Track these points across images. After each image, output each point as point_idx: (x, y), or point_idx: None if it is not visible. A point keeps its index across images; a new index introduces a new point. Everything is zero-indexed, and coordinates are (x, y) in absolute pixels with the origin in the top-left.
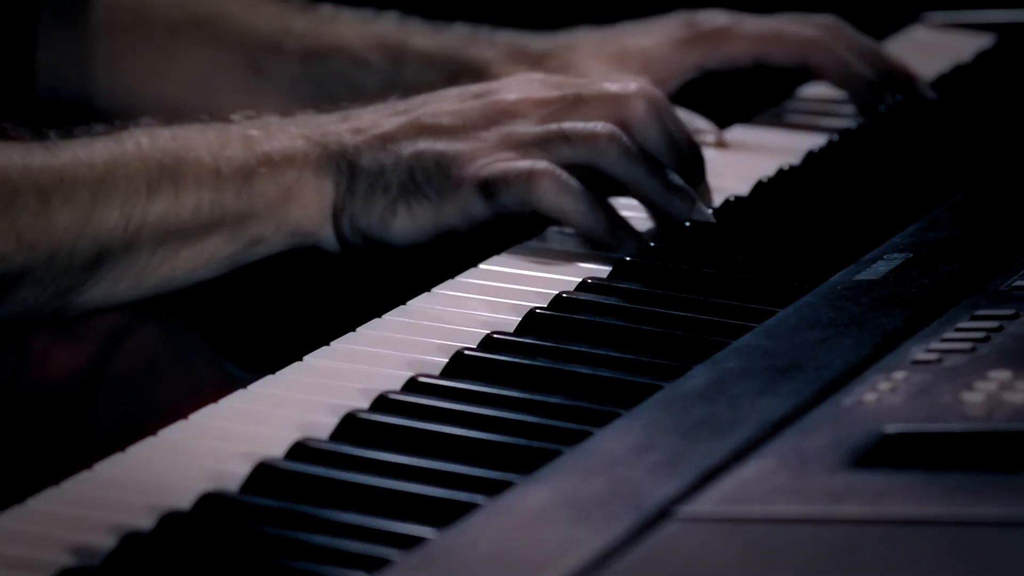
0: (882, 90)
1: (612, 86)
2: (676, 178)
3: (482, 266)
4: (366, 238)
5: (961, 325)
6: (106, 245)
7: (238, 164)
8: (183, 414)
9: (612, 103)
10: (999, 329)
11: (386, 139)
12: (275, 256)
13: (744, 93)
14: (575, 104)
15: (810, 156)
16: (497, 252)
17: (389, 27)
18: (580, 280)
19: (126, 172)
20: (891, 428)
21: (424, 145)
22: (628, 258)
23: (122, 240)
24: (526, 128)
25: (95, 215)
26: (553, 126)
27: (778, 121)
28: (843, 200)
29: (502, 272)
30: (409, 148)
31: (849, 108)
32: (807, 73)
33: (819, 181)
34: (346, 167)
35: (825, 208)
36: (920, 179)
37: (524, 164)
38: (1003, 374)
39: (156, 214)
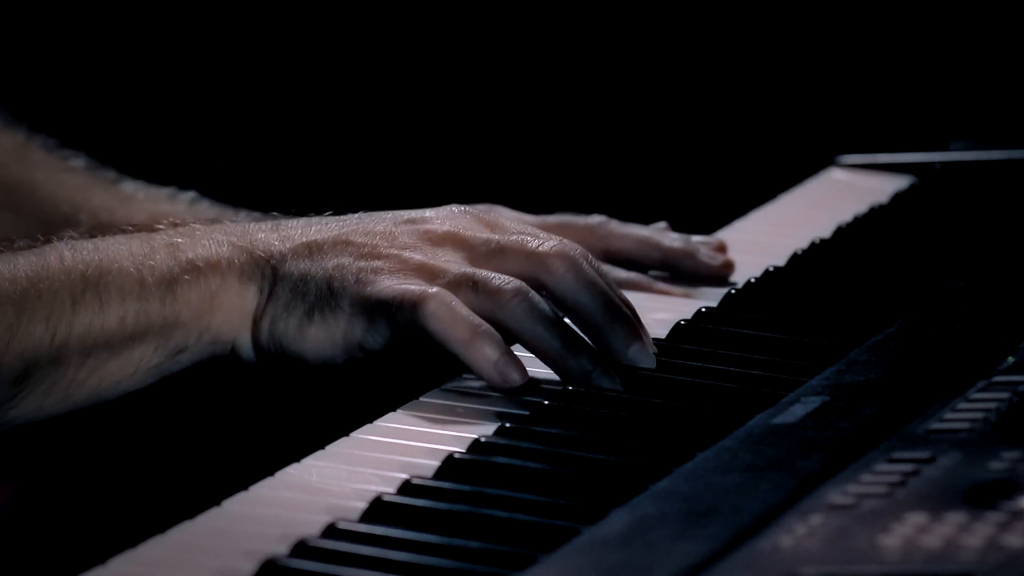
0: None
1: (533, 241)
2: (580, 341)
3: (400, 411)
4: (281, 348)
5: (878, 468)
6: (33, 359)
7: (162, 272)
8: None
9: (531, 258)
10: (916, 473)
11: (313, 248)
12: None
13: None
14: (496, 252)
15: (729, 297)
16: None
17: (178, 208)
18: (498, 425)
19: (50, 286)
20: (807, 572)
21: (347, 260)
22: (546, 402)
23: (49, 353)
24: (444, 265)
25: (20, 330)
26: (468, 270)
27: None
28: (761, 342)
29: (420, 417)
30: (333, 260)
31: (771, 246)
32: None
33: (738, 322)
34: (270, 273)
35: (743, 350)
36: (837, 320)
37: (417, 287)
38: (920, 518)
39: (82, 326)
